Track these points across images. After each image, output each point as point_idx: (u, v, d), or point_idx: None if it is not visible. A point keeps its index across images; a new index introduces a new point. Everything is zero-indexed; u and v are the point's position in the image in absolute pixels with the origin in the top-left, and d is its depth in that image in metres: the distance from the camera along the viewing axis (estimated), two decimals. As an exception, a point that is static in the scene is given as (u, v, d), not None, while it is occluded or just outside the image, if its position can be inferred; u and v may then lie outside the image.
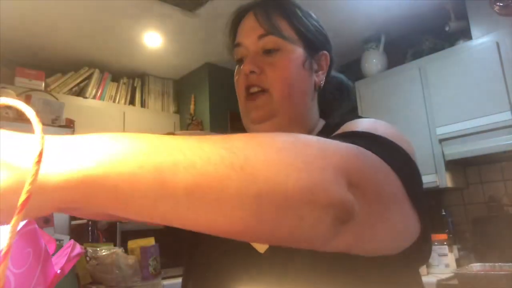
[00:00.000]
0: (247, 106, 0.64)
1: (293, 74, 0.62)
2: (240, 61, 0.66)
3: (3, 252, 0.23)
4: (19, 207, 0.24)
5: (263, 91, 0.62)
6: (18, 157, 0.25)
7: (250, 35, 0.64)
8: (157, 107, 3.56)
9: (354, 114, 0.63)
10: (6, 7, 2.35)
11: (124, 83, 3.42)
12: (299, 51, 0.64)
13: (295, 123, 0.64)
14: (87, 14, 2.54)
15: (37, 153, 0.25)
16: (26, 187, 0.24)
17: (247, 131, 0.67)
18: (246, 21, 0.66)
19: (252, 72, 0.62)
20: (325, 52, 0.68)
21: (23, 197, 0.24)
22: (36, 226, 0.37)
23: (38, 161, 0.24)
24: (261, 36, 0.63)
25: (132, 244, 2.36)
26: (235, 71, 0.67)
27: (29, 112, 0.27)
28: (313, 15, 0.70)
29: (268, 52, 0.63)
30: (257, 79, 0.62)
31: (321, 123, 0.70)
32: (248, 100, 0.63)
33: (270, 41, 0.62)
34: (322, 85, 0.68)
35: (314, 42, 0.66)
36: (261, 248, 0.54)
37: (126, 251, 2.32)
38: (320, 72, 0.68)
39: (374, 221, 0.39)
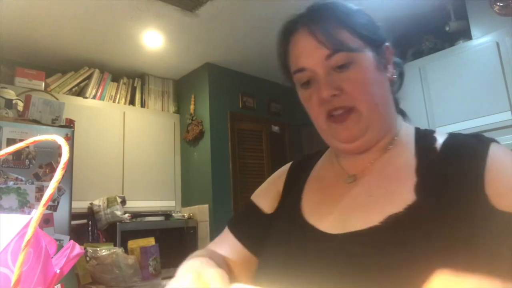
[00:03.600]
0: (332, 128, 0.59)
1: (373, 84, 0.58)
2: (306, 84, 0.60)
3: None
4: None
5: (349, 110, 0.58)
6: None
7: (315, 57, 0.58)
8: (157, 107, 3.56)
9: (476, 139, 0.55)
10: (6, 7, 2.36)
11: (124, 83, 3.42)
12: (369, 57, 0.59)
13: (384, 133, 0.61)
14: (87, 14, 2.54)
15: (46, 197, 0.26)
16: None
17: (334, 150, 0.65)
18: (302, 41, 0.59)
19: (333, 95, 0.57)
20: (387, 44, 0.64)
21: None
22: (37, 227, 0.37)
23: (45, 204, 0.26)
24: (328, 56, 0.57)
25: (132, 244, 2.36)
26: (302, 95, 0.62)
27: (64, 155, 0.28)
28: (362, 9, 0.65)
29: (341, 67, 0.57)
30: (340, 101, 0.57)
31: (406, 128, 0.64)
32: (334, 122, 0.59)
33: (341, 57, 0.57)
34: (395, 78, 0.64)
35: (376, 40, 0.62)
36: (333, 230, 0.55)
37: (126, 251, 2.32)
38: (389, 66, 0.64)
39: None
